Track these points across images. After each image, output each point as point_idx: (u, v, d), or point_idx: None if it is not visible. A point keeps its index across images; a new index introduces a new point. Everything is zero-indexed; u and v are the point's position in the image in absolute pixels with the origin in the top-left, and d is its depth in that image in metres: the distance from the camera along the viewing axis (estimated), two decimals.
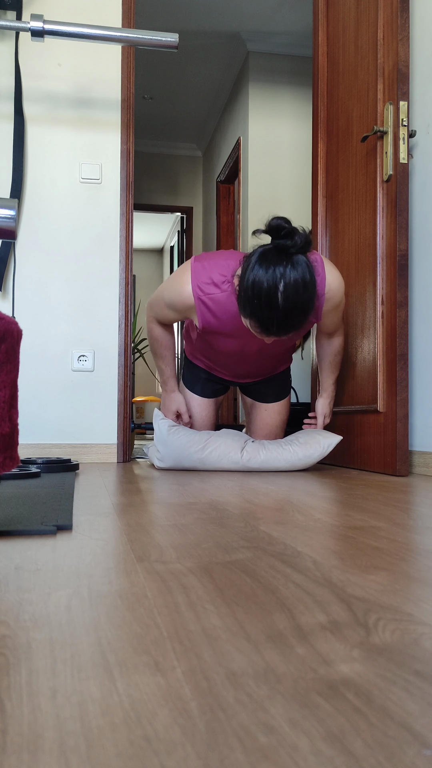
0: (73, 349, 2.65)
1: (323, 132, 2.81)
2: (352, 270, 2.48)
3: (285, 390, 2.47)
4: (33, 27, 2.27)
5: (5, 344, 0.91)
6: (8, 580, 0.70)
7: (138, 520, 1.10)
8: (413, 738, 0.36)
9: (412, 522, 1.11)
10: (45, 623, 0.56)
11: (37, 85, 2.67)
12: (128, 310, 2.71)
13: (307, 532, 0.99)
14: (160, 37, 2.36)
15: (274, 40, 4.57)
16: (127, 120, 2.72)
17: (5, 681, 0.44)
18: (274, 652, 0.49)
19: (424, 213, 2.23)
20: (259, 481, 1.82)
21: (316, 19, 2.88)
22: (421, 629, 0.54)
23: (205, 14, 4.34)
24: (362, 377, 2.36)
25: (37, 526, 1.00)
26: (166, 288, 2.06)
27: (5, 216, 1.37)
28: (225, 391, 2.52)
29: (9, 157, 2.63)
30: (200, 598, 0.63)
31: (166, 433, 2.14)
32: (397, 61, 2.15)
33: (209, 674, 0.45)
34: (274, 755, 0.34)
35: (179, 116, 5.83)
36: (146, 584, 0.68)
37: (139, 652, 0.49)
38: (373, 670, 0.45)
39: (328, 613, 0.58)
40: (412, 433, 2.25)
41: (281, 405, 2.45)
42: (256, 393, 2.47)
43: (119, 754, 0.34)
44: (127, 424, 2.69)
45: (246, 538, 0.94)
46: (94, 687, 0.43)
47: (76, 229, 2.68)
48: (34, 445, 2.59)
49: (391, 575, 0.72)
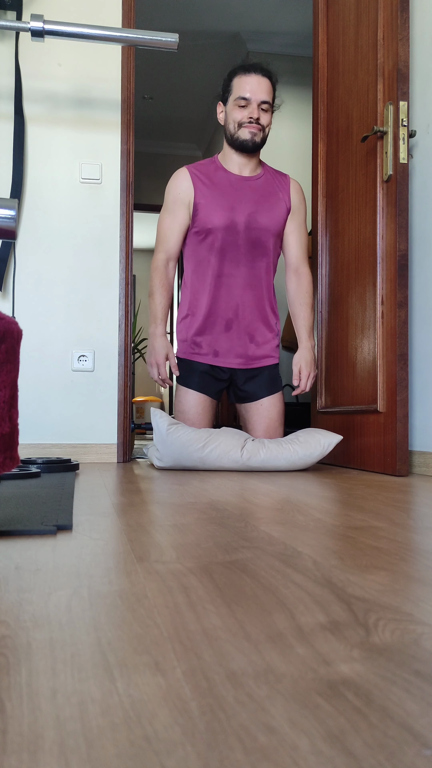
0: (73, 349, 2.65)
1: (323, 132, 2.81)
2: (352, 270, 2.48)
3: (276, 385, 2.51)
4: (33, 27, 2.27)
5: (5, 344, 0.91)
6: (8, 580, 0.70)
7: (138, 520, 1.10)
8: (413, 738, 0.36)
9: (412, 522, 1.11)
10: (45, 623, 0.56)
11: (37, 85, 2.67)
12: (128, 310, 2.71)
13: (307, 532, 0.99)
14: (160, 37, 2.36)
15: (274, 40, 4.57)
16: (127, 120, 2.72)
17: (5, 681, 0.44)
18: (274, 652, 0.49)
19: (424, 213, 2.23)
20: (259, 480, 1.82)
21: (316, 19, 2.88)
22: (421, 629, 0.54)
23: (205, 14, 4.34)
24: (362, 377, 2.36)
25: (37, 526, 1.00)
26: (168, 188, 2.46)
27: (5, 216, 1.37)
28: (219, 395, 2.53)
29: (9, 157, 2.62)
30: (200, 598, 0.63)
31: (166, 432, 2.14)
32: (397, 61, 2.15)
33: (209, 674, 0.45)
34: (274, 755, 0.34)
35: (179, 116, 5.83)
36: (146, 584, 0.68)
37: (139, 652, 0.49)
38: (373, 670, 0.45)
39: (328, 613, 0.58)
40: (412, 433, 2.25)
41: (275, 398, 2.49)
42: (246, 395, 2.48)
43: (119, 754, 0.34)
44: (127, 424, 2.69)
45: (246, 538, 0.94)
46: (94, 687, 0.43)
47: (76, 229, 2.68)
48: (34, 445, 2.59)
49: (391, 575, 0.72)
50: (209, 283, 2.43)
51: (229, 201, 2.38)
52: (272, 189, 2.44)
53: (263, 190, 2.43)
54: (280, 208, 2.43)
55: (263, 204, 2.41)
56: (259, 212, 2.40)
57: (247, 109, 2.32)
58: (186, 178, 2.41)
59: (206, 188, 2.39)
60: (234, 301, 2.43)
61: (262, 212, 2.40)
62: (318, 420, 2.78)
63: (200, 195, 2.38)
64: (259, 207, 2.40)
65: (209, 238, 2.40)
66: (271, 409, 2.47)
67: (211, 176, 2.42)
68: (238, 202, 2.38)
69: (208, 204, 2.38)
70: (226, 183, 2.40)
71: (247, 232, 2.39)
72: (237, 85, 2.33)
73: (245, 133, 2.33)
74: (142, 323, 8.98)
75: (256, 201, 2.40)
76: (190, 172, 2.42)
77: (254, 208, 2.39)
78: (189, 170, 2.43)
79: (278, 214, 2.43)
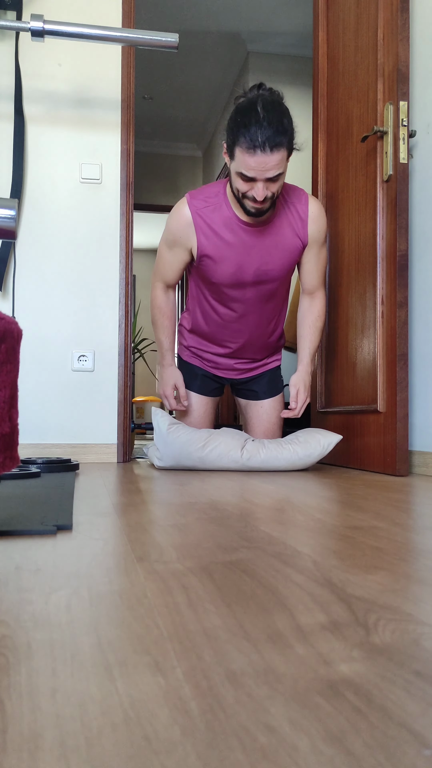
0: (73, 349, 2.65)
1: (323, 132, 2.81)
2: (352, 270, 2.48)
3: (277, 387, 2.51)
4: (33, 27, 2.27)
5: (5, 344, 0.91)
6: (8, 580, 0.70)
7: (138, 520, 1.10)
8: (413, 738, 0.36)
9: (412, 522, 1.11)
10: (45, 623, 0.56)
11: (37, 85, 2.67)
12: (128, 310, 2.71)
13: (307, 532, 0.99)
14: (160, 37, 2.36)
15: (274, 41, 4.57)
16: (127, 120, 2.72)
17: (5, 681, 0.44)
18: (274, 652, 0.49)
19: (424, 213, 2.23)
20: (259, 480, 1.82)
21: (316, 19, 2.88)
22: (421, 629, 0.54)
23: (205, 14, 4.34)
24: (362, 377, 2.36)
25: (37, 526, 1.00)
26: (167, 224, 2.22)
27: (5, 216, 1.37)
28: (221, 392, 2.54)
29: (9, 157, 2.62)
30: (200, 598, 0.63)
31: (166, 432, 2.14)
32: (397, 61, 2.15)
33: (209, 674, 0.45)
34: (274, 755, 0.34)
35: (179, 116, 5.83)
36: (146, 584, 0.68)
37: (139, 652, 0.49)
38: (373, 670, 0.45)
39: (328, 613, 0.58)
40: (412, 433, 2.25)
41: (275, 401, 2.49)
42: (248, 393, 2.50)
43: (119, 754, 0.34)
44: (127, 424, 2.69)
45: (246, 538, 0.94)
46: (94, 687, 0.43)
47: (76, 229, 2.68)
48: (34, 445, 2.59)
49: (391, 575, 0.72)
50: (213, 325, 2.35)
51: (236, 256, 2.15)
52: (285, 230, 2.16)
53: (275, 234, 2.16)
54: (294, 251, 2.20)
55: (274, 253, 2.17)
56: (270, 262, 2.18)
57: (251, 187, 1.98)
58: (189, 225, 2.15)
59: (210, 241, 2.14)
60: (240, 339, 2.36)
61: (273, 261, 2.18)
62: (318, 420, 2.78)
63: (203, 247, 2.15)
64: (269, 257, 2.17)
65: (213, 287, 2.25)
66: (270, 412, 2.47)
67: (217, 227, 2.13)
68: (246, 255, 2.15)
69: (213, 259, 2.16)
70: (233, 237, 2.13)
71: (256, 284, 2.22)
72: (240, 157, 1.93)
73: (249, 205, 2.03)
74: (142, 323, 8.98)
75: (267, 251, 2.16)
76: (194, 218, 2.14)
77: (264, 259, 2.17)
78: (192, 215, 2.14)
79: (291, 258, 2.21)
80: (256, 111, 1.89)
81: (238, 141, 1.91)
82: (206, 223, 2.13)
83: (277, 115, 1.90)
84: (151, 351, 9.30)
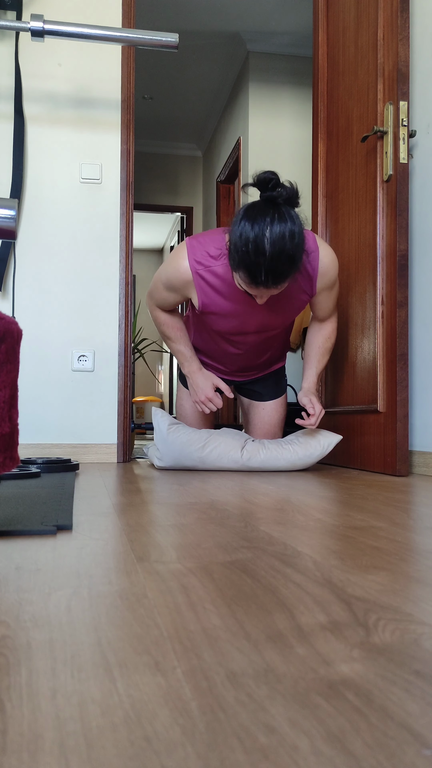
0: (73, 349, 2.65)
1: (323, 132, 2.81)
2: (352, 270, 2.48)
3: (281, 388, 2.49)
4: (33, 27, 2.27)
5: (5, 344, 0.91)
6: (8, 580, 0.70)
7: (138, 520, 1.10)
8: (413, 738, 0.36)
9: (412, 522, 1.11)
10: (45, 623, 0.56)
11: (37, 85, 2.67)
12: (128, 310, 2.71)
13: (307, 532, 0.99)
14: (160, 37, 2.36)
15: (274, 40, 4.57)
16: (127, 120, 2.72)
17: (5, 681, 0.44)
18: (274, 652, 0.49)
19: (424, 213, 2.23)
20: (259, 480, 1.82)
21: (316, 19, 2.88)
22: (421, 629, 0.54)
23: (205, 14, 4.34)
24: (362, 377, 2.36)
25: (37, 526, 1.00)
26: (164, 269, 2.08)
27: (5, 216, 1.37)
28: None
29: (9, 157, 2.62)
30: (200, 598, 0.63)
31: (166, 432, 2.14)
32: (397, 61, 2.15)
33: (209, 674, 0.45)
34: (274, 755, 0.34)
35: (179, 116, 5.83)
36: (146, 584, 0.68)
37: (139, 652, 0.49)
38: (373, 670, 0.45)
39: (328, 613, 0.58)
40: (412, 433, 2.25)
41: (278, 403, 2.47)
42: (252, 392, 2.49)
43: (119, 754, 0.34)
44: (127, 424, 2.69)
45: (246, 538, 0.94)
46: (94, 687, 0.43)
47: (76, 229, 2.68)
48: (34, 445, 2.59)
49: (391, 575, 0.72)
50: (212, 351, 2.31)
51: (238, 315, 2.07)
52: (292, 290, 2.06)
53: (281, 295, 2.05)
54: (301, 306, 2.12)
55: (279, 311, 2.09)
56: (275, 319, 2.11)
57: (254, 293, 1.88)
58: (188, 282, 2.02)
59: (211, 300, 2.04)
60: (240, 363, 2.34)
61: (277, 314, 2.09)
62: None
63: (204, 304, 2.05)
64: (273, 311, 2.08)
65: (214, 333, 2.19)
66: (272, 414, 2.46)
67: (218, 288, 2.01)
68: (249, 316, 2.07)
69: (215, 312, 2.07)
70: (235, 302, 2.04)
71: (259, 333, 2.16)
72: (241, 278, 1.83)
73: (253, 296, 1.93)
74: (142, 323, 8.98)
75: (271, 310, 2.08)
76: (194, 277, 2.01)
77: (268, 314, 2.08)
78: (193, 273, 2.00)
79: (298, 311, 2.14)
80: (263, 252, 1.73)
81: (239, 269, 1.80)
82: (207, 283, 2.02)
83: (284, 259, 1.74)
84: (151, 351, 9.30)
